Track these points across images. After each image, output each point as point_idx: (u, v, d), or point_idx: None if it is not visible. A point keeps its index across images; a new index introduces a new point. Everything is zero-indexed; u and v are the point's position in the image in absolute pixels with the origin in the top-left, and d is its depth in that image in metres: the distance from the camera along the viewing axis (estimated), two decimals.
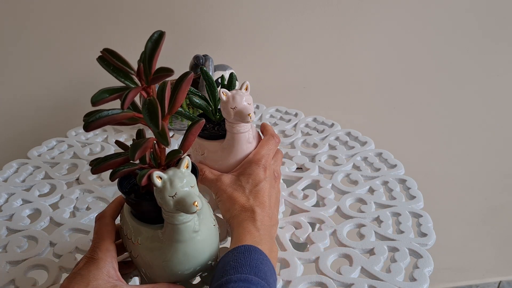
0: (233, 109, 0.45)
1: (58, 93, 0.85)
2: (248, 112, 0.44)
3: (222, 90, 0.45)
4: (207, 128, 0.51)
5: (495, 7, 0.87)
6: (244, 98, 0.46)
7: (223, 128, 0.49)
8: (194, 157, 0.52)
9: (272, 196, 0.48)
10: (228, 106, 0.45)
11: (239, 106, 0.45)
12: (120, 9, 0.79)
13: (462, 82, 0.95)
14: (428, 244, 0.49)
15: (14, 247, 0.50)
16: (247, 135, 0.48)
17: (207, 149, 0.50)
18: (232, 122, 0.47)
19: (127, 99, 0.31)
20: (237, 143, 0.48)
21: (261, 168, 0.48)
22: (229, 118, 0.46)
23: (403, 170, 0.62)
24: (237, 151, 0.49)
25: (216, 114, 0.52)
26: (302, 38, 0.86)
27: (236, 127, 0.47)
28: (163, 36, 0.34)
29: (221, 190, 0.48)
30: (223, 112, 0.46)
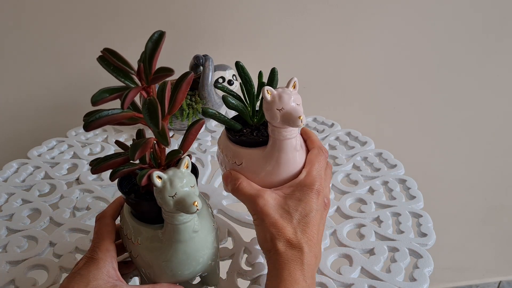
0: (279, 111, 0.38)
1: (58, 93, 0.85)
2: (299, 114, 0.37)
3: (267, 88, 0.39)
4: (244, 133, 0.44)
5: (495, 8, 0.87)
6: (293, 97, 0.39)
7: (264, 133, 0.43)
8: (227, 166, 0.45)
9: (320, 230, 0.41)
10: (273, 107, 0.38)
11: (287, 107, 0.38)
12: (121, 9, 0.79)
13: (463, 82, 0.95)
14: (428, 244, 0.49)
15: (14, 247, 0.50)
16: (295, 142, 0.41)
17: (246, 158, 0.43)
18: (278, 126, 0.39)
19: (127, 99, 0.31)
20: (283, 151, 0.41)
21: (314, 194, 0.40)
22: (274, 121, 0.39)
23: (403, 170, 0.62)
24: (283, 161, 0.41)
25: (254, 116, 0.45)
26: (302, 38, 0.86)
27: (283, 132, 0.40)
28: (163, 36, 0.34)
29: (264, 212, 0.40)
30: (267, 114, 0.40)
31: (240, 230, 0.53)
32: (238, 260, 0.48)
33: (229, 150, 0.44)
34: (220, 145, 0.46)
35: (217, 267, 0.45)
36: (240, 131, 0.44)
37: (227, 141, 0.45)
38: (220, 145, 0.46)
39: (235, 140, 0.43)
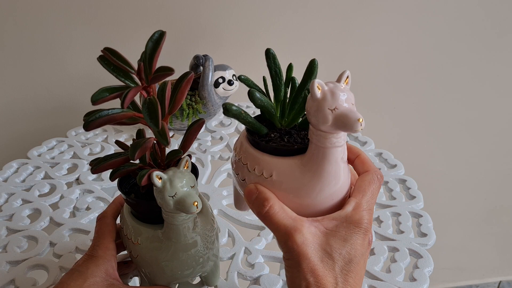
0: (332, 111, 0.30)
1: (58, 92, 0.85)
2: (358, 116, 0.29)
3: (317, 82, 0.31)
4: (272, 139, 0.36)
5: (498, 6, 0.87)
6: (347, 95, 0.31)
7: (297, 139, 0.36)
8: (250, 178, 0.36)
9: (362, 277, 0.34)
10: (324, 106, 0.30)
11: (342, 107, 0.30)
12: (121, 8, 0.79)
13: (464, 82, 0.95)
14: (428, 244, 0.49)
15: (14, 247, 0.50)
16: (342, 151, 0.33)
17: (277, 170, 0.34)
18: (326, 131, 0.31)
19: (127, 98, 0.31)
20: (328, 162, 0.32)
21: (361, 234, 0.33)
22: (324, 124, 0.31)
23: (403, 170, 0.62)
24: (327, 174, 0.33)
25: (284, 118, 0.37)
26: (302, 38, 0.86)
27: (331, 139, 0.32)
28: (164, 36, 0.34)
29: (301, 253, 0.31)
30: (314, 116, 0.31)
31: (240, 230, 0.53)
32: (238, 260, 0.48)
33: (254, 158, 0.35)
34: (240, 152, 0.37)
35: (217, 267, 0.45)
36: (266, 135, 0.36)
37: (250, 147, 0.36)
38: (239, 151, 0.37)
39: (264, 147, 0.35)
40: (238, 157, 0.37)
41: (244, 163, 0.36)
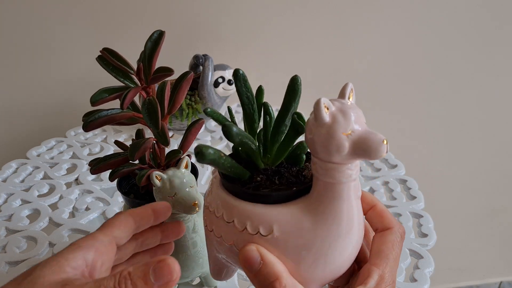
0: (347, 136, 0.23)
1: (57, 93, 0.84)
2: (381, 138, 0.23)
3: (323, 102, 0.24)
4: (259, 183, 0.28)
5: (495, 8, 0.87)
6: (358, 113, 0.25)
7: (289, 178, 0.28)
8: (237, 240, 0.27)
9: None
10: (338, 131, 0.23)
11: (359, 130, 0.24)
12: (120, 8, 0.78)
13: (464, 82, 0.95)
14: (428, 244, 0.49)
15: (13, 247, 0.50)
16: (358, 185, 0.26)
17: (279, 223, 0.26)
18: (340, 162, 0.24)
19: (127, 99, 0.31)
20: (344, 202, 0.25)
21: None
22: (339, 153, 0.24)
23: (404, 171, 0.62)
24: (345, 219, 0.25)
25: (267, 155, 0.30)
26: (302, 38, 0.85)
27: (346, 171, 0.25)
28: (163, 36, 0.34)
29: None
30: (324, 145, 0.24)
31: None
32: None
33: (241, 213, 0.26)
34: (217, 206, 0.28)
35: None
36: (251, 180, 0.28)
37: (232, 198, 0.27)
38: (215, 205, 0.28)
39: (254, 196, 0.27)
40: (217, 214, 0.28)
41: (227, 221, 0.27)
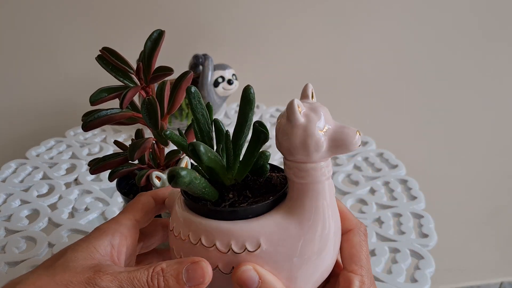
0: (324, 133, 0.24)
1: (57, 92, 0.84)
2: (354, 129, 0.24)
3: (296, 102, 0.24)
4: (232, 200, 0.27)
5: (498, 7, 0.87)
6: (326, 111, 0.25)
7: (260, 189, 0.28)
8: (230, 260, 0.26)
9: None
10: (314, 129, 0.24)
11: (332, 125, 0.25)
12: (120, 8, 0.78)
13: (464, 82, 0.95)
14: (429, 245, 0.49)
15: (13, 247, 0.50)
16: (332, 183, 0.27)
17: (265, 237, 0.25)
18: (318, 160, 0.25)
19: (126, 99, 0.31)
20: (325, 200, 0.26)
21: None
22: (318, 151, 0.24)
23: (405, 171, 0.62)
24: (328, 217, 0.26)
25: (231, 171, 0.29)
26: (303, 38, 0.85)
27: (323, 169, 0.25)
28: (163, 35, 0.34)
29: None
30: (302, 145, 0.24)
31: None
32: None
33: (222, 234, 0.25)
34: (189, 232, 0.27)
35: None
36: (222, 199, 0.27)
37: (207, 221, 0.26)
38: (185, 231, 0.27)
39: (234, 213, 0.26)
40: (193, 241, 0.26)
41: (208, 246, 0.26)
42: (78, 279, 0.24)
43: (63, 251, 0.27)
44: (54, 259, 0.26)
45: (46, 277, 0.24)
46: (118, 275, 0.24)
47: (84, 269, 0.25)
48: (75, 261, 0.25)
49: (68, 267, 0.25)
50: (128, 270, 0.25)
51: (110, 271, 0.25)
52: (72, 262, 0.25)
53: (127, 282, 0.24)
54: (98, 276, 0.24)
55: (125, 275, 0.24)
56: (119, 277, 0.24)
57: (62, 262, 0.25)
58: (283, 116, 0.25)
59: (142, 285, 0.25)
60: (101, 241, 0.27)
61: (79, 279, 0.24)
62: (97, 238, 0.27)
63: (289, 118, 0.24)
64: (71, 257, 0.26)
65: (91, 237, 0.27)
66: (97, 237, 0.27)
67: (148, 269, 0.25)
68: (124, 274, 0.25)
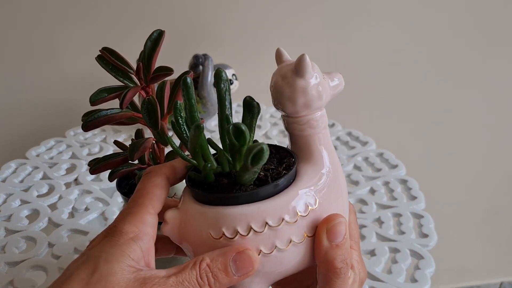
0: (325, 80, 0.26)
1: (56, 92, 0.84)
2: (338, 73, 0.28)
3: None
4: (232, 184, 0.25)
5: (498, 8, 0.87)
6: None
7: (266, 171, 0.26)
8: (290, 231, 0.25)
9: None
10: (322, 78, 0.26)
11: (326, 75, 0.27)
12: (120, 8, 0.78)
13: (465, 82, 0.95)
14: (429, 245, 0.49)
15: (13, 247, 0.50)
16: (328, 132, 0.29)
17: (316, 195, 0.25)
18: (320, 109, 0.27)
19: (126, 99, 0.31)
20: (331, 145, 0.28)
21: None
22: (326, 98, 0.26)
23: (405, 171, 0.62)
24: (336, 160, 0.28)
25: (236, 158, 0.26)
26: (303, 38, 0.85)
27: (324, 117, 0.27)
28: (163, 35, 0.34)
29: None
30: (316, 95, 0.25)
31: None
32: None
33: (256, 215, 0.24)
34: (216, 229, 0.25)
35: None
36: (219, 185, 0.26)
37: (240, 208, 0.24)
38: (214, 230, 0.25)
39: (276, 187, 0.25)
40: (229, 235, 0.24)
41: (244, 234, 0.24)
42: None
43: (93, 263, 0.24)
44: (87, 272, 0.23)
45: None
46: (166, 282, 0.23)
47: (128, 284, 0.23)
48: (114, 274, 0.23)
49: (109, 282, 0.23)
50: (171, 274, 0.24)
51: (155, 280, 0.23)
52: (111, 276, 0.23)
53: (178, 286, 0.23)
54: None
55: (174, 280, 0.23)
56: (168, 284, 0.23)
57: (99, 277, 0.23)
58: (287, 74, 0.26)
59: (193, 285, 0.24)
60: (133, 247, 0.24)
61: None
62: (128, 245, 0.25)
63: (303, 71, 0.25)
64: (107, 270, 0.23)
65: (121, 244, 0.25)
66: (128, 244, 0.25)
67: (193, 267, 0.24)
68: (172, 279, 0.23)
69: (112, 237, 0.25)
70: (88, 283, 0.22)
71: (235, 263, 0.24)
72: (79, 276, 0.23)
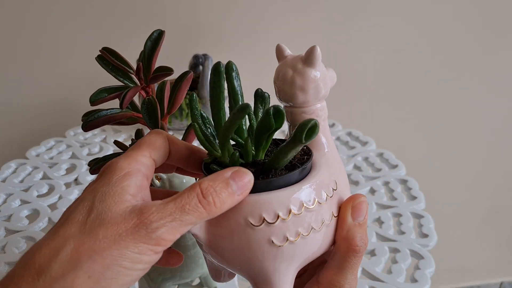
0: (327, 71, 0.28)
1: (57, 92, 0.84)
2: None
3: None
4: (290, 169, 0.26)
5: (496, 5, 0.86)
6: None
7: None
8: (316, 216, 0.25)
9: None
10: (329, 68, 0.29)
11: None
12: (120, 8, 0.78)
13: (465, 82, 0.95)
14: (429, 245, 0.49)
15: (13, 248, 0.50)
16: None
17: (334, 181, 0.27)
18: (321, 100, 0.29)
19: (126, 98, 0.31)
20: (330, 133, 0.30)
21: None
22: (330, 87, 0.29)
23: (405, 171, 0.62)
24: (336, 151, 0.30)
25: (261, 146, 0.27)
26: (303, 37, 0.85)
27: (325, 109, 0.29)
28: (163, 35, 0.33)
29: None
30: (323, 85, 0.27)
31: None
32: None
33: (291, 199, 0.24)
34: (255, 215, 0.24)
35: None
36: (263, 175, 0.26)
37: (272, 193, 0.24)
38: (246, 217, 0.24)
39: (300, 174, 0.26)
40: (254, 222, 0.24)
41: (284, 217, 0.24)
42: (124, 228, 0.21)
43: (88, 203, 0.23)
44: (83, 213, 0.22)
45: (88, 239, 0.21)
46: (165, 208, 0.22)
47: (125, 217, 0.22)
48: (109, 211, 0.22)
49: (107, 219, 0.22)
50: (169, 201, 0.23)
51: (153, 208, 0.22)
52: (106, 213, 0.22)
53: (178, 211, 0.22)
54: (145, 217, 0.22)
55: (172, 205, 0.22)
56: (167, 209, 0.22)
57: (96, 216, 0.22)
58: (297, 65, 0.27)
59: (195, 208, 0.22)
60: (128, 181, 0.23)
61: (125, 228, 0.21)
62: (121, 181, 0.23)
63: (314, 62, 0.26)
64: (102, 208, 0.22)
65: (114, 180, 0.23)
66: (121, 180, 0.23)
67: (193, 190, 0.23)
68: (171, 205, 0.22)
69: (105, 176, 0.24)
70: (85, 223, 0.22)
71: (234, 180, 0.23)
72: (75, 218, 0.22)
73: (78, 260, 0.20)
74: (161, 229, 0.21)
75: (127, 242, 0.21)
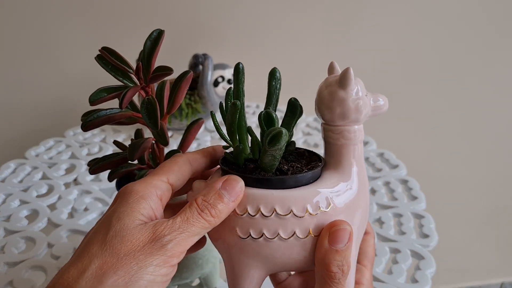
0: (367, 96, 0.27)
1: (56, 92, 0.84)
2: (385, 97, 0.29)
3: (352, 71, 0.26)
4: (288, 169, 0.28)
5: (498, 6, 0.86)
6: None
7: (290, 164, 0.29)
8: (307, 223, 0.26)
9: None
10: (364, 93, 0.27)
11: (371, 93, 0.28)
12: (119, 7, 0.78)
13: (465, 82, 0.95)
14: (430, 245, 0.49)
15: (12, 248, 0.50)
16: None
17: (334, 196, 0.27)
18: (360, 123, 0.28)
19: (125, 98, 0.31)
20: (361, 159, 0.29)
21: None
22: (367, 113, 0.27)
23: (405, 171, 0.62)
24: (364, 173, 0.29)
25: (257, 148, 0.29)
26: (303, 37, 0.85)
27: (359, 133, 0.28)
28: (162, 35, 0.33)
29: None
30: (356, 109, 0.27)
31: None
32: None
33: (295, 200, 0.26)
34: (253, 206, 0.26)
35: (217, 268, 0.44)
36: (245, 168, 0.29)
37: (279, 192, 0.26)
38: (251, 207, 0.26)
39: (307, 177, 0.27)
40: (265, 213, 0.26)
41: (282, 214, 0.25)
42: (141, 243, 0.24)
43: (107, 223, 0.25)
44: (103, 232, 0.25)
45: (110, 257, 0.23)
46: (174, 222, 0.25)
47: (141, 232, 0.24)
48: (127, 228, 0.25)
49: (125, 237, 0.24)
50: (176, 217, 0.26)
51: (164, 224, 0.25)
52: (124, 231, 0.24)
53: (185, 223, 0.25)
54: (159, 232, 0.24)
55: (180, 220, 0.25)
56: (176, 223, 0.25)
57: (114, 234, 0.24)
58: (331, 84, 0.27)
59: (197, 219, 0.25)
60: (143, 204, 0.26)
61: (142, 243, 0.24)
62: (137, 202, 0.26)
63: (345, 83, 0.26)
64: (120, 226, 0.25)
65: (130, 202, 0.26)
66: (137, 201, 0.26)
67: (191, 205, 0.26)
68: (178, 219, 0.25)
69: (122, 198, 0.26)
70: (104, 241, 0.24)
71: (225, 189, 0.26)
72: (96, 238, 0.25)
73: (103, 276, 0.23)
74: (173, 241, 0.24)
75: (145, 256, 0.23)
